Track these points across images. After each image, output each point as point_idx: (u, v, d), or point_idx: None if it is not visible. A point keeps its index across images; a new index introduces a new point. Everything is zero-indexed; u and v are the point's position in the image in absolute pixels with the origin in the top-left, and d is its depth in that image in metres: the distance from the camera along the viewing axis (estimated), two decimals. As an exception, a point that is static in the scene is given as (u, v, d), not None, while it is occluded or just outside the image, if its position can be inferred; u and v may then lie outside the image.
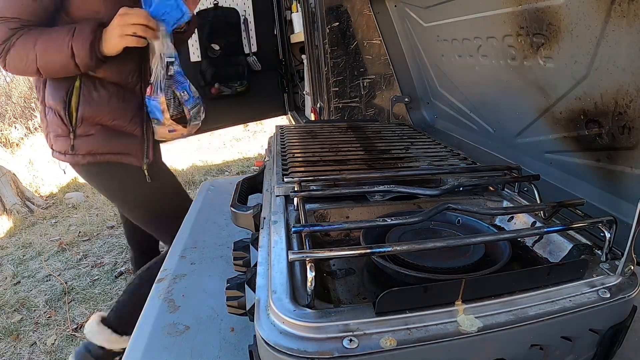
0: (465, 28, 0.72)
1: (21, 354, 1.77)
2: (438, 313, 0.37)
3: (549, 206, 0.52)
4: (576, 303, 0.40)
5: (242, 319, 0.61)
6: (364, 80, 1.78)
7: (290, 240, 0.50)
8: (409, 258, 0.47)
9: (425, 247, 0.41)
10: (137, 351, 0.58)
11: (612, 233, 0.45)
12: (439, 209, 0.49)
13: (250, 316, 0.49)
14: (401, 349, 0.35)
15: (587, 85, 0.51)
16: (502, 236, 0.48)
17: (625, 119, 0.48)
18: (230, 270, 0.64)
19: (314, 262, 0.38)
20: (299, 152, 0.81)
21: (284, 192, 0.63)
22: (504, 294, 0.39)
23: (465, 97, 0.87)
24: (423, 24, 0.89)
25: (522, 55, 0.61)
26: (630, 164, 0.50)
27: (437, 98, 1.04)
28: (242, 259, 0.60)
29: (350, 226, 0.48)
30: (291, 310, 0.37)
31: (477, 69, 0.75)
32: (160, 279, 0.75)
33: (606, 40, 0.46)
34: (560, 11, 0.50)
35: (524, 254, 0.55)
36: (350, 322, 0.36)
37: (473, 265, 0.47)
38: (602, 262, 0.45)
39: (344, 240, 0.61)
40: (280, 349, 0.34)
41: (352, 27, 1.68)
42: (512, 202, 0.64)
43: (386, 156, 0.79)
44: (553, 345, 0.40)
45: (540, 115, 0.63)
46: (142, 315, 0.66)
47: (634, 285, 0.42)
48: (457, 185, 0.60)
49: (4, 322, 1.95)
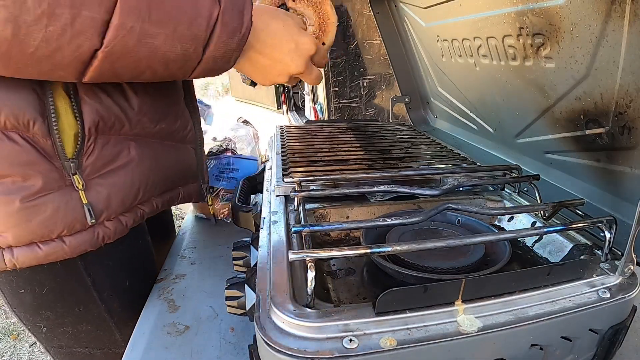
0: (465, 28, 0.72)
1: (21, 354, 1.77)
2: (438, 313, 0.37)
3: (549, 206, 0.52)
4: (576, 303, 0.40)
5: (242, 319, 0.61)
6: (364, 80, 1.78)
7: (290, 240, 0.50)
8: (409, 258, 0.47)
9: (425, 247, 0.41)
10: (137, 351, 0.58)
11: (612, 233, 0.45)
12: (439, 209, 0.49)
13: (250, 316, 0.49)
14: (401, 349, 0.35)
15: (587, 85, 0.51)
16: (502, 236, 0.48)
17: (625, 119, 0.48)
18: (230, 270, 0.64)
19: (314, 262, 0.38)
20: (299, 152, 0.81)
21: (284, 192, 0.63)
22: (504, 294, 0.39)
23: (465, 97, 0.87)
24: (423, 24, 0.89)
25: (522, 55, 0.61)
26: (630, 164, 0.50)
27: (437, 98, 1.04)
28: (242, 259, 0.60)
29: (350, 226, 0.48)
30: (291, 310, 0.37)
31: (477, 69, 0.75)
32: (160, 279, 0.75)
33: (606, 40, 0.46)
34: (560, 11, 0.50)
35: (524, 254, 0.55)
36: (350, 322, 0.36)
37: (473, 265, 0.47)
38: (602, 262, 0.45)
39: (344, 240, 0.61)
40: (280, 348, 0.34)
41: (352, 27, 1.68)
42: (512, 202, 0.64)
43: (386, 156, 0.79)
44: (553, 345, 0.40)
45: (540, 116, 0.63)
46: (142, 315, 0.66)
47: (634, 285, 0.42)
48: (457, 185, 0.60)
49: (4, 322, 1.95)
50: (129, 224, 0.62)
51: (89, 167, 0.54)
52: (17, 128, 0.48)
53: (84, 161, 0.54)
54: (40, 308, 0.62)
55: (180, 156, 0.70)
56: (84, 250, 0.57)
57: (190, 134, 0.71)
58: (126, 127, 0.57)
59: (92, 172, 0.55)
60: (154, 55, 0.44)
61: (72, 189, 0.54)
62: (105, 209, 0.57)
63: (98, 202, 0.56)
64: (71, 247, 0.55)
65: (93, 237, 0.57)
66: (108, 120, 0.55)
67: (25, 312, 0.63)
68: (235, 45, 0.48)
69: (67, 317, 0.64)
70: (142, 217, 0.64)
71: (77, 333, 0.66)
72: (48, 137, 0.50)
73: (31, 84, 0.48)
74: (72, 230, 0.55)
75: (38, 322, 0.64)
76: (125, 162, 0.58)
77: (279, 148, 0.85)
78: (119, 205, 0.59)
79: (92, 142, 0.54)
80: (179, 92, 0.69)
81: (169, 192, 0.70)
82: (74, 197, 0.54)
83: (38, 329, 0.65)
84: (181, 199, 0.73)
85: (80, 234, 0.56)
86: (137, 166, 0.60)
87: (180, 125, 0.68)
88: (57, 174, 0.52)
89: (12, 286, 0.59)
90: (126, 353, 0.58)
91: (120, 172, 0.58)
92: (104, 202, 0.57)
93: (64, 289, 0.61)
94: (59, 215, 0.53)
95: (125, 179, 0.59)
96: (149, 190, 0.63)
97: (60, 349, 0.68)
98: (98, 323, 0.67)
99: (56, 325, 0.65)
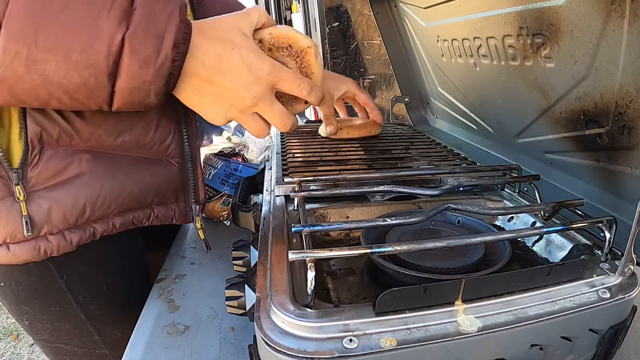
0: (465, 28, 0.72)
1: (21, 354, 1.77)
2: (438, 313, 0.37)
3: (549, 206, 0.52)
4: (576, 303, 0.40)
5: (242, 319, 0.61)
6: (364, 80, 1.78)
7: (290, 240, 0.50)
8: (409, 258, 0.47)
9: (425, 247, 0.41)
10: (137, 351, 0.58)
11: (612, 233, 0.45)
12: (439, 209, 0.49)
13: (250, 316, 0.49)
14: (401, 348, 0.35)
15: (587, 85, 0.51)
16: (502, 236, 0.48)
17: (625, 119, 0.48)
18: (230, 270, 0.64)
19: (314, 262, 0.38)
20: (299, 152, 0.81)
21: (284, 192, 0.63)
22: (504, 294, 0.39)
23: (465, 97, 0.87)
24: (423, 24, 0.89)
25: (522, 55, 0.61)
26: (630, 164, 0.50)
27: (437, 98, 1.04)
28: (242, 259, 0.60)
29: (350, 226, 0.48)
30: (291, 310, 0.37)
31: (477, 69, 0.75)
32: (160, 279, 0.75)
33: (606, 40, 0.46)
34: (560, 11, 0.50)
35: (524, 254, 0.55)
36: (350, 322, 0.36)
37: (473, 265, 0.47)
38: (602, 262, 0.45)
39: (344, 240, 0.61)
40: (280, 348, 0.34)
41: (352, 27, 1.68)
42: (512, 202, 0.64)
43: (386, 156, 0.79)
44: (553, 345, 0.40)
45: (540, 115, 0.63)
46: (142, 315, 0.66)
47: (634, 285, 0.42)
48: (457, 185, 0.60)
49: (4, 322, 1.95)
50: (75, 241, 0.58)
51: (33, 179, 0.53)
52: None
53: (28, 172, 0.52)
54: (20, 302, 0.63)
55: (156, 172, 0.62)
56: (27, 260, 0.56)
57: (173, 147, 0.62)
58: (76, 139, 0.53)
59: (36, 183, 0.53)
60: (48, 84, 0.39)
61: (14, 199, 0.53)
62: (45, 223, 0.55)
63: (38, 215, 0.54)
64: (15, 255, 0.55)
65: (35, 249, 0.56)
66: (52, 132, 0.52)
67: (9, 304, 0.64)
68: (150, 77, 0.41)
69: (45, 315, 0.64)
70: (95, 235, 0.60)
71: (57, 330, 0.66)
72: None
73: None
74: (15, 239, 0.54)
75: (20, 315, 0.65)
76: (73, 175, 0.55)
77: (279, 148, 0.85)
78: (60, 221, 0.56)
79: (36, 154, 0.52)
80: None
81: (134, 212, 0.63)
82: (14, 208, 0.53)
83: (21, 321, 0.66)
84: (154, 220, 0.65)
85: (23, 244, 0.55)
86: (87, 181, 0.55)
87: (155, 138, 0.59)
88: (1, 183, 0.52)
89: None
90: (126, 353, 0.58)
91: (65, 186, 0.54)
92: (44, 216, 0.54)
93: (38, 288, 0.61)
94: (1, 223, 0.53)
95: (69, 194, 0.55)
96: (101, 208, 0.58)
97: (45, 343, 0.69)
98: (76, 323, 0.66)
99: (36, 320, 0.65)
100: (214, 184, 0.98)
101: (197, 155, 0.65)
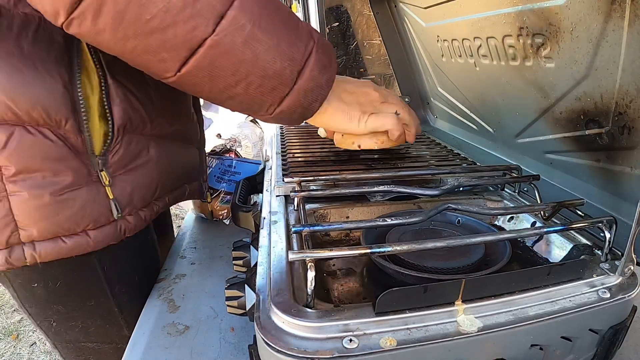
0: (465, 28, 0.72)
1: (21, 354, 1.77)
2: (438, 313, 0.37)
3: (549, 206, 0.52)
4: (576, 303, 0.40)
5: (242, 319, 0.61)
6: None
7: (290, 240, 0.50)
8: (409, 258, 0.47)
9: (425, 247, 0.41)
10: (137, 351, 0.58)
11: (612, 233, 0.45)
12: (439, 209, 0.49)
13: (250, 316, 0.49)
14: (401, 348, 0.35)
15: (587, 85, 0.51)
16: (502, 236, 0.48)
17: (625, 119, 0.48)
18: (230, 270, 0.64)
19: (314, 262, 0.38)
20: (299, 152, 0.81)
21: (284, 192, 0.63)
22: (504, 294, 0.39)
23: (465, 97, 0.87)
24: (423, 24, 0.89)
25: (522, 55, 0.61)
26: (630, 164, 0.50)
27: (437, 98, 1.04)
28: (242, 259, 0.60)
29: (350, 226, 0.48)
30: (291, 310, 0.37)
31: (477, 69, 0.75)
32: (160, 279, 0.75)
33: (606, 40, 0.46)
34: (560, 11, 0.50)
35: (524, 254, 0.55)
36: (350, 322, 0.36)
37: (473, 265, 0.47)
38: (602, 262, 0.45)
39: (344, 240, 0.61)
40: (280, 348, 0.34)
41: (352, 27, 1.68)
42: (512, 202, 0.64)
43: (386, 156, 0.79)
44: (553, 345, 0.40)
45: (540, 116, 0.63)
46: (142, 315, 0.66)
47: (634, 285, 0.42)
48: (457, 185, 0.60)
49: (4, 322, 1.95)
50: (147, 218, 0.64)
51: (114, 165, 0.57)
52: (50, 125, 0.50)
53: (110, 158, 0.56)
54: (52, 302, 0.63)
55: (188, 156, 0.74)
56: (108, 243, 0.59)
57: (199, 134, 0.76)
58: (148, 127, 0.60)
59: (117, 169, 0.58)
60: (255, 63, 0.43)
61: (99, 185, 0.56)
62: (128, 204, 0.60)
63: (122, 197, 0.59)
64: (95, 241, 0.58)
65: (116, 231, 0.60)
66: (134, 120, 0.57)
67: (36, 306, 0.63)
68: (324, 82, 0.49)
69: (78, 312, 0.65)
70: (157, 212, 0.67)
71: (86, 327, 0.67)
72: (79, 135, 0.52)
73: (63, 82, 0.50)
74: (97, 224, 0.57)
75: (49, 316, 0.65)
76: (145, 160, 0.61)
77: (279, 148, 0.85)
78: (140, 201, 0.62)
79: (119, 141, 0.57)
80: (189, 96, 0.71)
81: (178, 189, 0.73)
82: (100, 193, 0.56)
83: (48, 323, 0.66)
84: (187, 196, 0.77)
85: (105, 228, 0.58)
86: (156, 165, 0.63)
87: (191, 127, 0.72)
88: (85, 170, 0.54)
89: (24, 280, 0.60)
90: (126, 353, 0.58)
91: (141, 170, 0.61)
92: (127, 198, 0.60)
93: (78, 283, 0.63)
94: (86, 210, 0.55)
95: (145, 177, 0.62)
96: (164, 188, 0.67)
97: (68, 344, 0.69)
98: (108, 318, 0.68)
99: (66, 319, 0.65)
100: (210, 183, 0.98)
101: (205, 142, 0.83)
